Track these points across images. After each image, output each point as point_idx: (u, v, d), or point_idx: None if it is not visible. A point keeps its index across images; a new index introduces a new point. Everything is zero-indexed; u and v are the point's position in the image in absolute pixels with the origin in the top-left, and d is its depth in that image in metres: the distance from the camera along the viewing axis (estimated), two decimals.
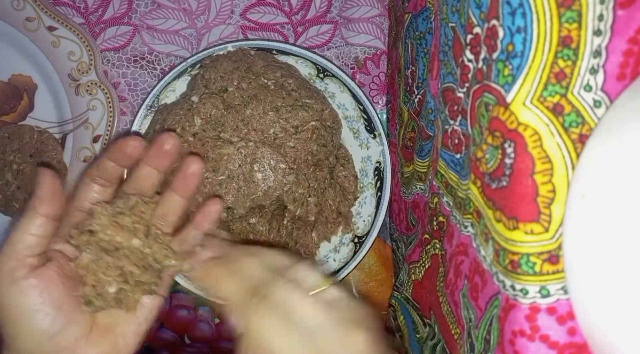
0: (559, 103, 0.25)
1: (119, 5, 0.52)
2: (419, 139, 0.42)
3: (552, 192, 0.25)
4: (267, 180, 0.47)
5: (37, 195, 0.32)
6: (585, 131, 0.25)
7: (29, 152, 0.51)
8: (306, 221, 0.49)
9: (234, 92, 0.47)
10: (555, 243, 0.26)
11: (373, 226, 0.51)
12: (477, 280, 0.31)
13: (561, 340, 0.26)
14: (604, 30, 0.24)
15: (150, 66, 0.53)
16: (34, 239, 0.31)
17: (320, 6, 0.54)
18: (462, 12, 0.31)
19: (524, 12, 0.25)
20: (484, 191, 0.29)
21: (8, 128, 0.52)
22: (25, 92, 0.52)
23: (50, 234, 0.32)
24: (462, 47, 0.31)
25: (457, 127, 0.33)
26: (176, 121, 0.46)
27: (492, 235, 0.28)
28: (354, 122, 0.52)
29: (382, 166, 0.51)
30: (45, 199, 0.31)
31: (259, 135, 0.47)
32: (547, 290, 0.26)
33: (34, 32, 0.51)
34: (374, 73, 0.55)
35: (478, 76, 0.29)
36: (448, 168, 0.35)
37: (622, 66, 0.25)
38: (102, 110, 0.52)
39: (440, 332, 0.37)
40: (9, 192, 0.51)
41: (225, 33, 0.54)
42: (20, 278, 0.30)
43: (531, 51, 0.25)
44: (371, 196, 0.52)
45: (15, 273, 0.30)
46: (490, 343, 0.29)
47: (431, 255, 0.39)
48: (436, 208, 0.38)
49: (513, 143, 0.26)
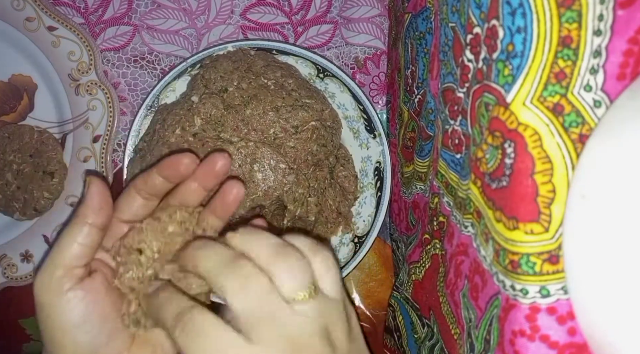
0: (559, 103, 0.25)
1: (119, 5, 0.52)
2: (419, 139, 0.42)
3: (552, 192, 0.25)
4: (267, 180, 0.47)
5: (86, 204, 0.31)
6: (585, 131, 0.25)
7: (29, 152, 0.51)
8: (306, 221, 0.49)
9: (234, 92, 0.47)
10: (555, 243, 0.26)
11: (373, 226, 0.51)
12: (477, 280, 0.31)
13: (561, 340, 0.26)
14: (604, 30, 0.24)
15: (150, 66, 0.53)
16: (82, 249, 0.30)
17: (320, 6, 0.54)
18: (462, 12, 0.31)
19: (524, 12, 0.25)
20: (484, 191, 0.29)
21: (8, 128, 0.52)
22: (25, 92, 0.52)
23: (97, 244, 0.31)
24: (462, 47, 0.31)
25: (458, 127, 0.33)
26: (176, 121, 0.46)
27: (492, 235, 0.28)
28: (354, 122, 0.52)
29: (382, 166, 0.51)
30: (95, 208, 0.30)
31: (259, 135, 0.47)
32: (547, 290, 0.26)
33: (34, 32, 0.51)
34: (374, 73, 0.55)
35: (478, 76, 0.29)
36: (448, 168, 0.35)
37: (622, 66, 0.25)
38: (102, 110, 0.52)
39: (439, 333, 0.37)
40: (9, 192, 0.51)
41: (225, 33, 0.54)
42: (67, 290, 0.29)
43: (531, 51, 0.25)
44: (371, 196, 0.52)
45: (63, 284, 0.29)
46: (490, 343, 0.29)
47: (431, 255, 0.39)
48: (436, 208, 0.38)
49: (513, 143, 0.26)
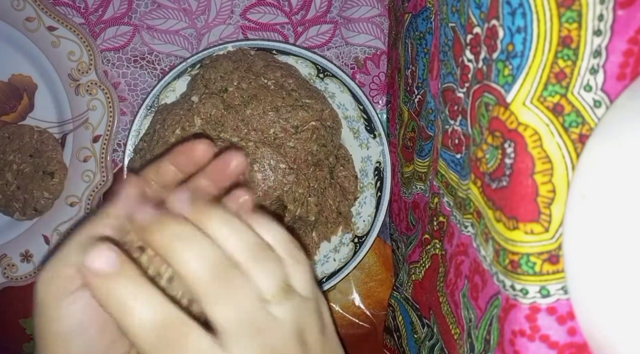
0: (559, 103, 0.25)
1: (119, 5, 0.52)
2: (419, 139, 0.42)
3: (552, 192, 0.25)
4: (267, 180, 0.47)
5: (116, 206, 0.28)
6: (585, 131, 0.25)
7: (29, 152, 0.51)
8: (306, 221, 0.49)
9: (234, 92, 0.47)
10: (555, 243, 0.26)
11: (373, 226, 0.51)
12: (477, 280, 0.31)
13: (561, 340, 0.26)
14: (604, 30, 0.24)
15: (150, 66, 0.53)
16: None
17: (320, 6, 0.54)
18: (462, 12, 0.31)
19: (524, 12, 0.25)
20: (484, 191, 0.29)
21: (8, 128, 0.52)
22: (25, 92, 0.52)
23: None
24: (462, 47, 0.31)
25: (458, 127, 0.33)
26: (176, 121, 0.46)
27: (492, 235, 0.28)
28: (354, 122, 0.52)
29: (382, 166, 0.51)
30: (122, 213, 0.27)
31: (259, 135, 0.47)
32: (547, 290, 0.26)
33: (34, 32, 0.51)
34: (374, 73, 0.55)
35: (478, 76, 0.29)
36: (448, 168, 0.35)
37: (622, 66, 0.25)
38: (102, 110, 0.52)
39: (439, 333, 0.37)
40: (9, 192, 0.51)
41: (225, 33, 0.54)
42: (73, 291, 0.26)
43: (531, 51, 0.25)
44: (371, 196, 0.52)
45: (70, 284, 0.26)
46: (490, 343, 0.29)
47: (431, 255, 0.39)
48: (436, 208, 0.38)
49: (513, 143, 0.26)
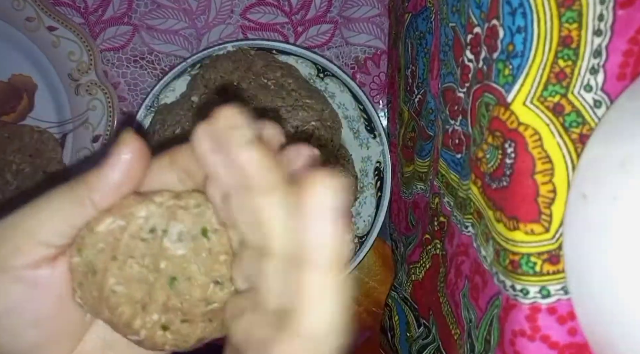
0: (559, 103, 0.25)
1: (118, 5, 0.52)
2: (419, 139, 0.42)
3: (553, 192, 0.25)
4: None
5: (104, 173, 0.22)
6: (586, 131, 0.25)
7: (29, 152, 0.51)
8: None
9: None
10: (555, 243, 0.26)
11: (373, 227, 0.51)
12: (477, 280, 0.31)
13: (561, 340, 0.26)
14: (604, 30, 0.24)
15: (150, 66, 0.53)
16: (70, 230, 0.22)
17: (320, 6, 0.54)
18: (462, 12, 0.31)
19: (524, 12, 0.25)
20: (484, 192, 0.29)
21: (8, 128, 0.52)
22: (25, 92, 0.52)
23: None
24: (462, 47, 0.31)
25: (458, 127, 0.33)
26: (176, 121, 0.46)
27: (492, 235, 0.28)
28: (354, 122, 0.52)
29: (382, 166, 0.51)
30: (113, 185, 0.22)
31: None
32: (547, 290, 0.26)
33: (34, 32, 0.51)
34: (374, 73, 0.55)
35: (478, 76, 0.29)
36: (449, 168, 0.35)
37: (622, 66, 0.25)
38: (102, 110, 0.52)
39: (438, 334, 0.37)
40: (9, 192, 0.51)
41: (225, 33, 0.54)
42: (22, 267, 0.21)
43: (531, 51, 0.25)
44: (371, 196, 0.52)
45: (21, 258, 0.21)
46: (491, 343, 0.29)
47: (432, 255, 0.39)
48: (437, 209, 0.38)
49: (513, 143, 0.26)
